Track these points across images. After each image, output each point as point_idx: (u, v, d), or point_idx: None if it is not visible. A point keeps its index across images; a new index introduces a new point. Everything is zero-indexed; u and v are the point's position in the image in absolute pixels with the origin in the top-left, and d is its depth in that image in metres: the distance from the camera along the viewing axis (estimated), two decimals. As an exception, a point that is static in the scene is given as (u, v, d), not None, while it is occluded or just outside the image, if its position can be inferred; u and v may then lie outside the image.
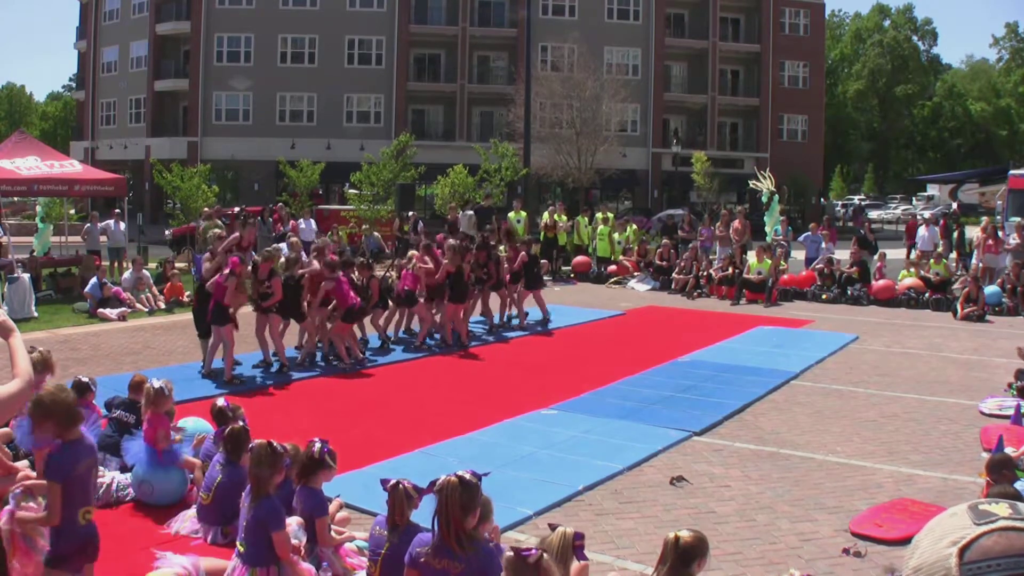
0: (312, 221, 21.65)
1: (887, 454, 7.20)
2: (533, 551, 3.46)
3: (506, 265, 13.30)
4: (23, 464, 5.92)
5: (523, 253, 13.55)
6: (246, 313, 10.30)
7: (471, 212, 20.71)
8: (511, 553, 3.49)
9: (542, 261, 15.99)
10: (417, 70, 43.76)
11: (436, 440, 7.34)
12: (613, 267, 20.18)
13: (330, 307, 10.53)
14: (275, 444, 4.60)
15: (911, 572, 1.23)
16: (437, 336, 12.04)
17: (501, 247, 14.01)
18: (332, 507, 5.10)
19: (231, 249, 10.32)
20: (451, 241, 12.21)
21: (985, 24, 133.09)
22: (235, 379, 9.54)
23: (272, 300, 9.86)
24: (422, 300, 11.82)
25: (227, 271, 9.48)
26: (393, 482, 4.31)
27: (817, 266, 18.10)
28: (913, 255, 20.79)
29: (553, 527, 3.78)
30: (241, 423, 5.45)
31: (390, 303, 12.07)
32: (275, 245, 12.58)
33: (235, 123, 41.53)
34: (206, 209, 19.38)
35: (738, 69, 47.49)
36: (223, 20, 41.52)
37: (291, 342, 10.76)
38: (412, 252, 12.88)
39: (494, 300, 13.53)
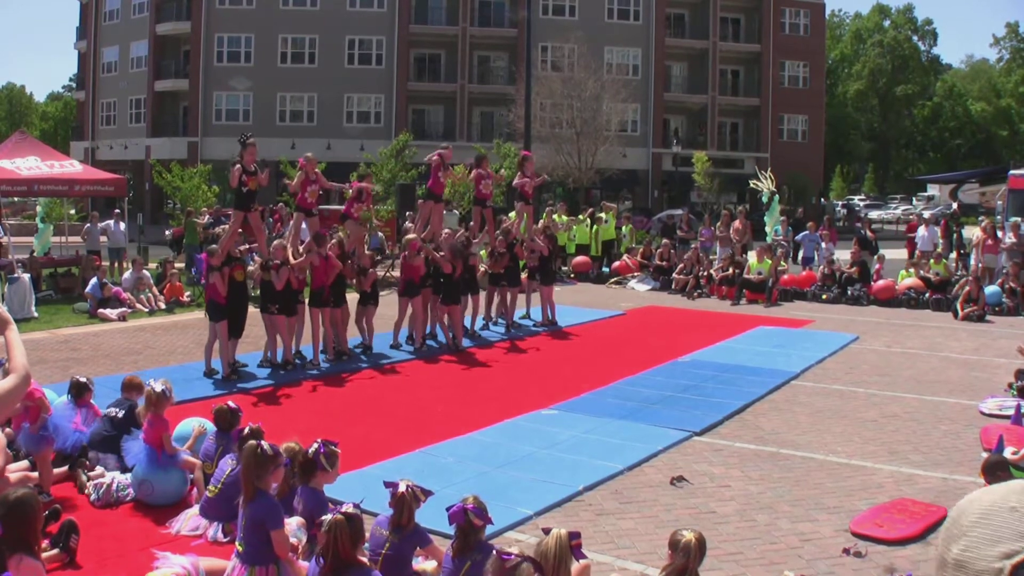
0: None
1: (887, 454, 7.19)
2: (512, 556, 3.47)
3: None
4: (23, 464, 5.93)
5: (543, 243, 13.71)
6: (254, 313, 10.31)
7: (456, 212, 20.75)
8: (494, 554, 3.52)
9: None
10: (417, 70, 43.78)
11: (436, 440, 7.34)
12: (616, 264, 20.23)
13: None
14: (264, 444, 4.61)
15: (955, 554, 1.11)
16: (434, 343, 11.98)
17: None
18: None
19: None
20: (453, 241, 12.10)
21: (985, 24, 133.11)
22: (232, 375, 9.57)
23: (279, 282, 9.86)
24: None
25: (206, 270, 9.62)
26: (402, 488, 4.32)
27: (821, 269, 18.13)
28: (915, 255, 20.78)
29: (547, 531, 3.79)
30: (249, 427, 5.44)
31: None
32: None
33: (235, 123, 41.49)
34: (204, 209, 19.39)
35: (738, 69, 47.49)
36: (223, 20, 41.54)
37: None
38: (407, 226, 12.67)
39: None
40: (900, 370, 10.59)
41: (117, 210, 19.78)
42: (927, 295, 16.45)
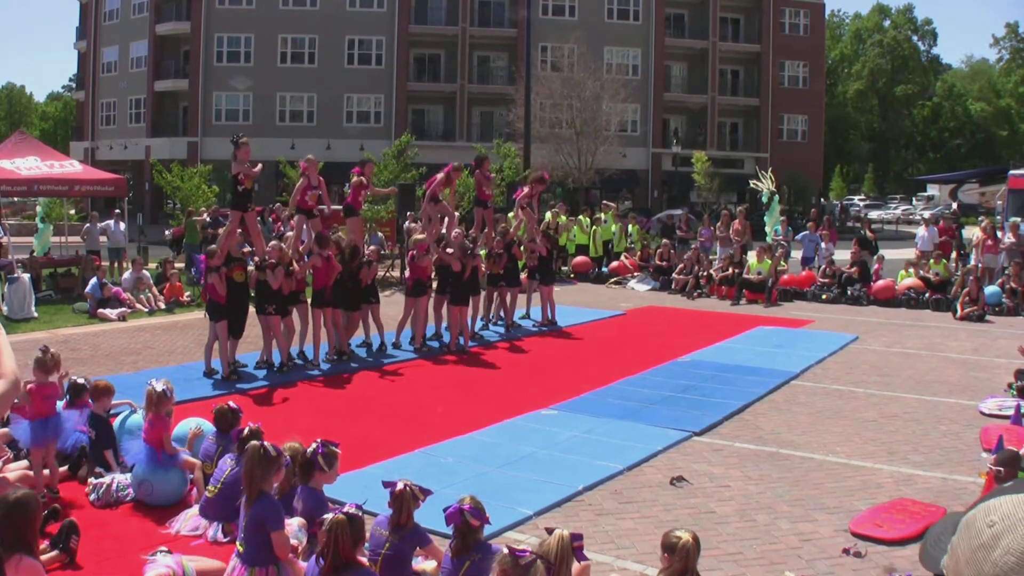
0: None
1: (887, 454, 7.19)
2: (527, 552, 3.46)
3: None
4: (23, 464, 5.94)
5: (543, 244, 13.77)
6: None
7: (458, 212, 20.69)
8: (506, 550, 3.51)
9: None
10: (417, 70, 43.78)
11: (436, 440, 7.34)
12: (613, 264, 20.22)
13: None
14: (268, 446, 4.60)
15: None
16: (436, 343, 11.96)
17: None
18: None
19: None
20: (463, 240, 12.05)
21: (985, 24, 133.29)
22: (232, 375, 9.56)
23: (275, 282, 9.83)
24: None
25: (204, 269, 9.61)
26: (400, 486, 4.32)
27: (821, 268, 18.14)
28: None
29: (550, 531, 3.80)
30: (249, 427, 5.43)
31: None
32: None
33: (235, 123, 41.46)
34: (203, 209, 19.39)
35: (738, 69, 47.50)
36: (223, 20, 41.54)
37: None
38: (411, 226, 12.58)
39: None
40: (900, 370, 10.59)
41: (117, 210, 19.77)
42: (927, 295, 16.45)
